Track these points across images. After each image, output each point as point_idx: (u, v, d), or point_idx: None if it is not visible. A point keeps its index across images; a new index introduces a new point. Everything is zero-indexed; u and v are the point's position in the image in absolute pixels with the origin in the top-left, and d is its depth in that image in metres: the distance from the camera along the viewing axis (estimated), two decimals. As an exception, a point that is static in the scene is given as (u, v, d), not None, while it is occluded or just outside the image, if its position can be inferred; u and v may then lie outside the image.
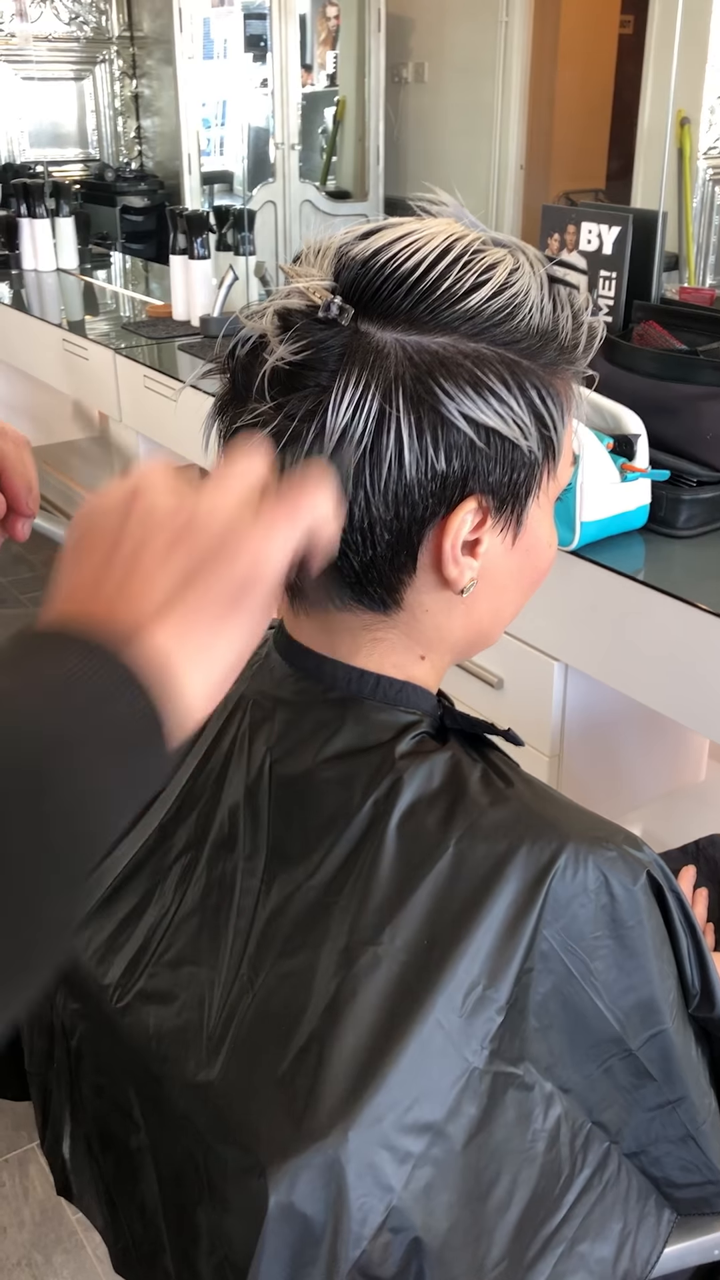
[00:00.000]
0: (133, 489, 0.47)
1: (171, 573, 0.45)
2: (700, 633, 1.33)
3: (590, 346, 0.65)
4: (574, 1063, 0.64)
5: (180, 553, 0.45)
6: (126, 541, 0.46)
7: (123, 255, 4.12)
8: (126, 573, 0.45)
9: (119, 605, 0.44)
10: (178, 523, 0.46)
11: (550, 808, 0.65)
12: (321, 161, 4.64)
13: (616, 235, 1.71)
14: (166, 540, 0.46)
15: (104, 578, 0.45)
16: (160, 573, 0.45)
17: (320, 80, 4.75)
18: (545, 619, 1.52)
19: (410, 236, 0.60)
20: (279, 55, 4.22)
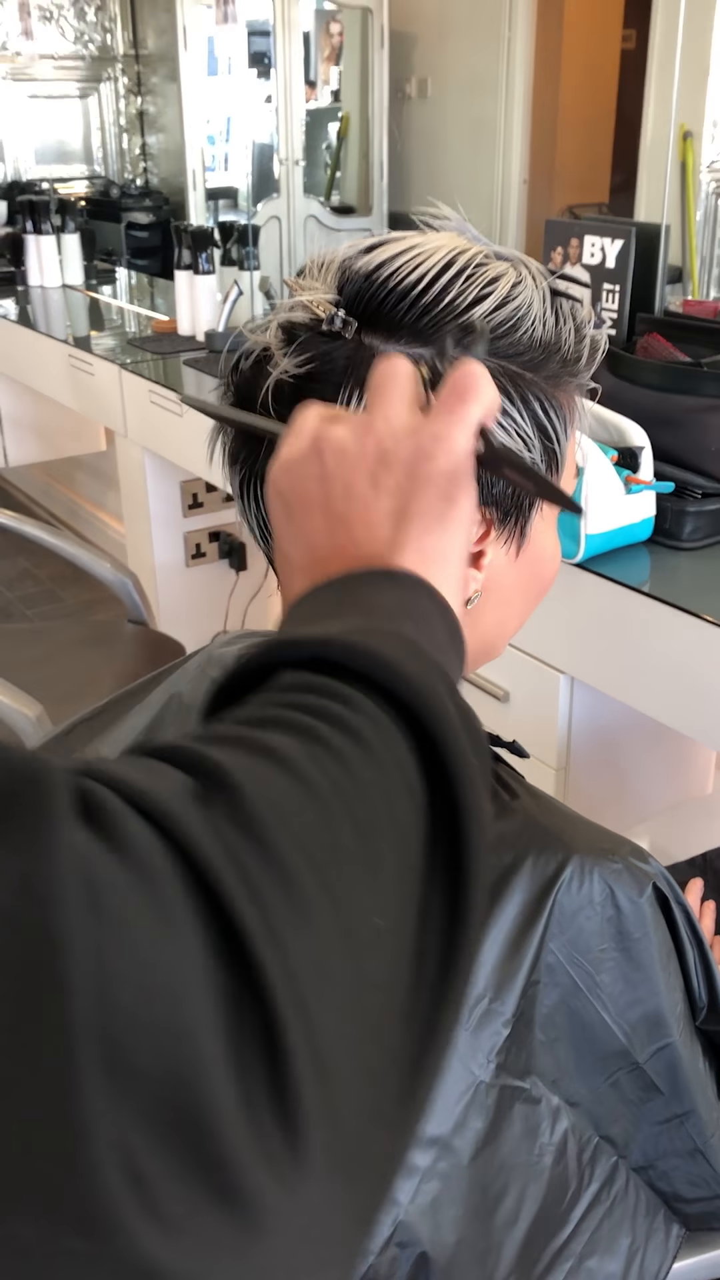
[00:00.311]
0: (309, 436, 0.49)
1: (389, 498, 0.46)
2: (706, 645, 1.33)
3: (593, 359, 0.65)
4: (581, 1076, 0.64)
5: (386, 477, 0.47)
6: (334, 488, 0.47)
7: (128, 271, 4.14)
8: (351, 517, 0.47)
9: (364, 548, 0.46)
10: (369, 449, 0.47)
11: (555, 820, 0.65)
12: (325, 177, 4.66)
13: (619, 249, 1.71)
14: (368, 470, 0.47)
15: (334, 530, 0.47)
16: (379, 504, 0.47)
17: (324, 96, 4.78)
18: (551, 631, 1.52)
19: (413, 250, 0.60)
20: (283, 72, 4.24)
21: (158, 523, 2.76)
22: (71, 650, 2.07)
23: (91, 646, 2.09)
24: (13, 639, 2.16)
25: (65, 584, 3.73)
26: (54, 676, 1.90)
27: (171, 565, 2.83)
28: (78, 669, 1.98)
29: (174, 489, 2.76)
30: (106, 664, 1.99)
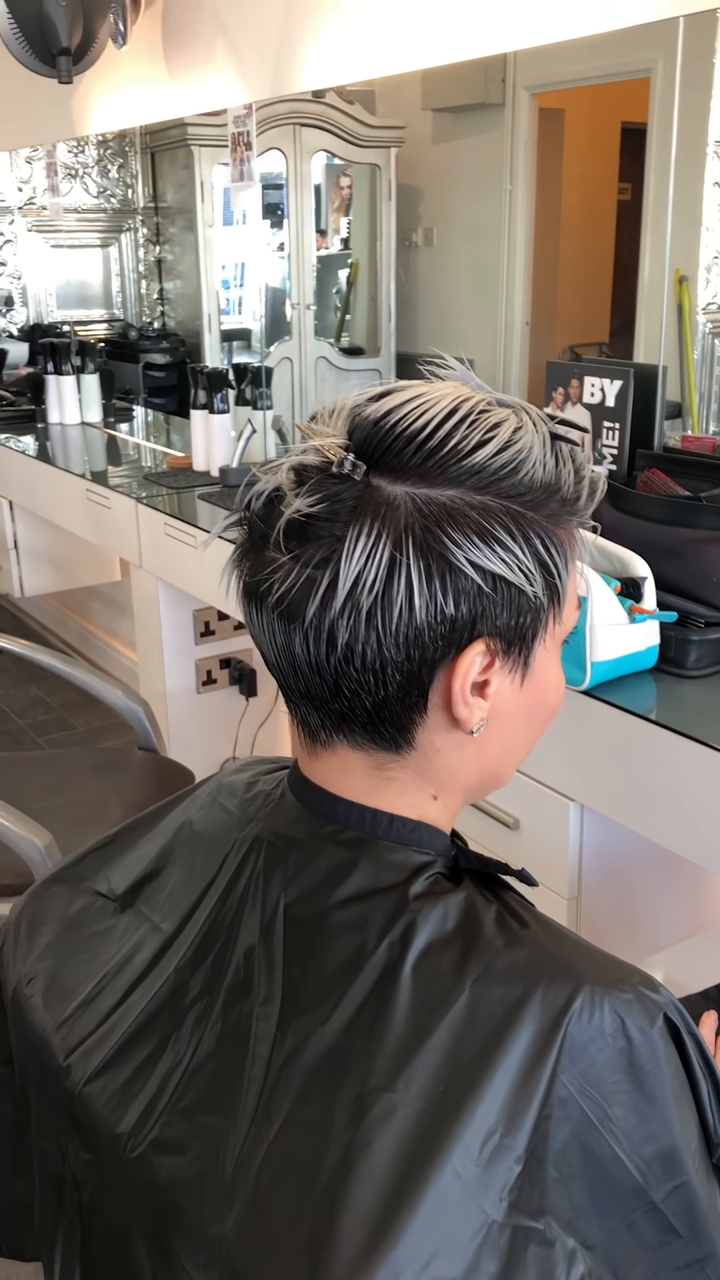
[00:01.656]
0: None
1: None
2: (715, 772, 1.33)
3: (592, 498, 0.68)
4: (596, 1216, 0.62)
5: None
6: None
7: (144, 409, 4.27)
8: None
9: None
10: None
11: (565, 949, 0.65)
12: (336, 320, 4.85)
13: (618, 389, 1.78)
14: None
15: None
16: None
17: (334, 244, 5.00)
18: (559, 758, 1.52)
19: (420, 399, 0.63)
20: (295, 222, 4.46)
21: (170, 650, 2.79)
22: (81, 777, 2.08)
23: (101, 774, 2.09)
24: (23, 767, 2.16)
25: (76, 711, 3.76)
26: (64, 804, 1.90)
27: (182, 692, 2.85)
28: (87, 796, 1.98)
29: (186, 617, 2.80)
30: (116, 791, 1.99)
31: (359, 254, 4.78)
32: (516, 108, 3.91)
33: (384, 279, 4.56)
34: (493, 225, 4.14)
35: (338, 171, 4.81)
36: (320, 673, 0.64)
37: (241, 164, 2.61)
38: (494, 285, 4.15)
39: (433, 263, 4.51)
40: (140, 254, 4.95)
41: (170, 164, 4.72)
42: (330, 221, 4.96)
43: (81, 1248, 0.72)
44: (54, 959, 0.77)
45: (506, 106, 3.86)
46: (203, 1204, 0.61)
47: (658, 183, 3.30)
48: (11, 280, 4.77)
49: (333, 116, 4.33)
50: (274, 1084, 0.63)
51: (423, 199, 4.54)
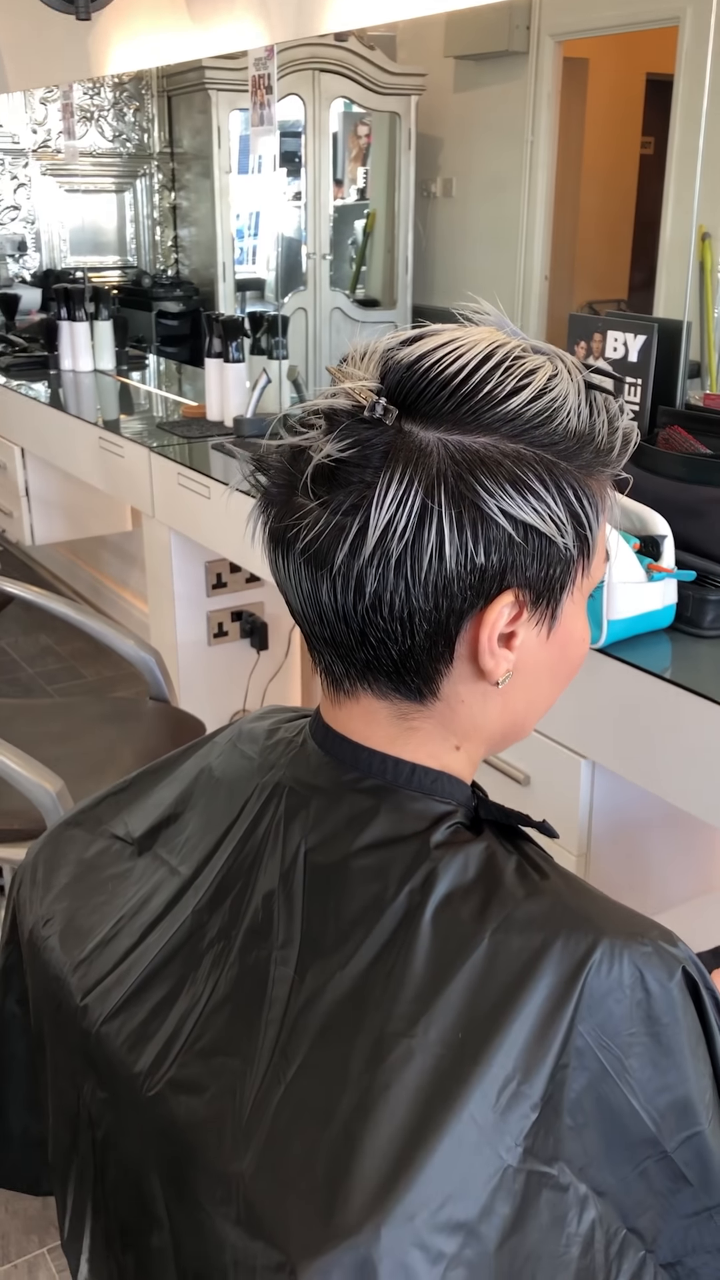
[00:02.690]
0: None
1: None
2: (728, 732, 1.33)
3: (625, 450, 0.67)
4: (609, 1164, 0.63)
5: None
6: None
7: (158, 358, 4.24)
8: None
9: None
10: None
11: (585, 901, 0.65)
12: (351, 271, 4.79)
13: (642, 344, 1.76)
14: None
15: None
16: None
17: (351, 194, 4.93)
18: (572, 716, 1.52)
19: (454, 343, 0.62)
20: (312, 171, 4.39)
21: (181, 602, 2.79)
22: (93, 726, 2.08)
23: (112, 722, 2.10)
24: (35, 714, 2.17)
25: (86, 661, 3.76)
26: (75, 752, 1.91)
27: (193, 644, 2.85)
28: (99, 744, 1.99)
29: (199, 569, 2.79)
30: (127, 740, 1.99)
31: (376, 205, 4.71)
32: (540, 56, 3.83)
33: (401, 230, 4.50)
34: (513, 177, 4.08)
35: (356, 120, 4.73)
36: (347, 621, 0.63)
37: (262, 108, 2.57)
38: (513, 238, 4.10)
39: (451, 214, 4.45)
40: (155, 200, 4.89)
41: (187, 108, 4.65)
42: (348, 171, 4.89)
43: (94, 1184, 0.73)
44: (71, 900, 0.77)
45: (530, 55, 3.79)
46: (220, 1143, 0.62)
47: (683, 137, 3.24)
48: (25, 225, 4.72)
49: (353, 62, 4.26)
50: (292, 1027, 0.63)
51: (442, 149, 4.47)
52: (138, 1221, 0.67)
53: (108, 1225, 0.72)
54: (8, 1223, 1.77)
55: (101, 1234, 0.73)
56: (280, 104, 2.67)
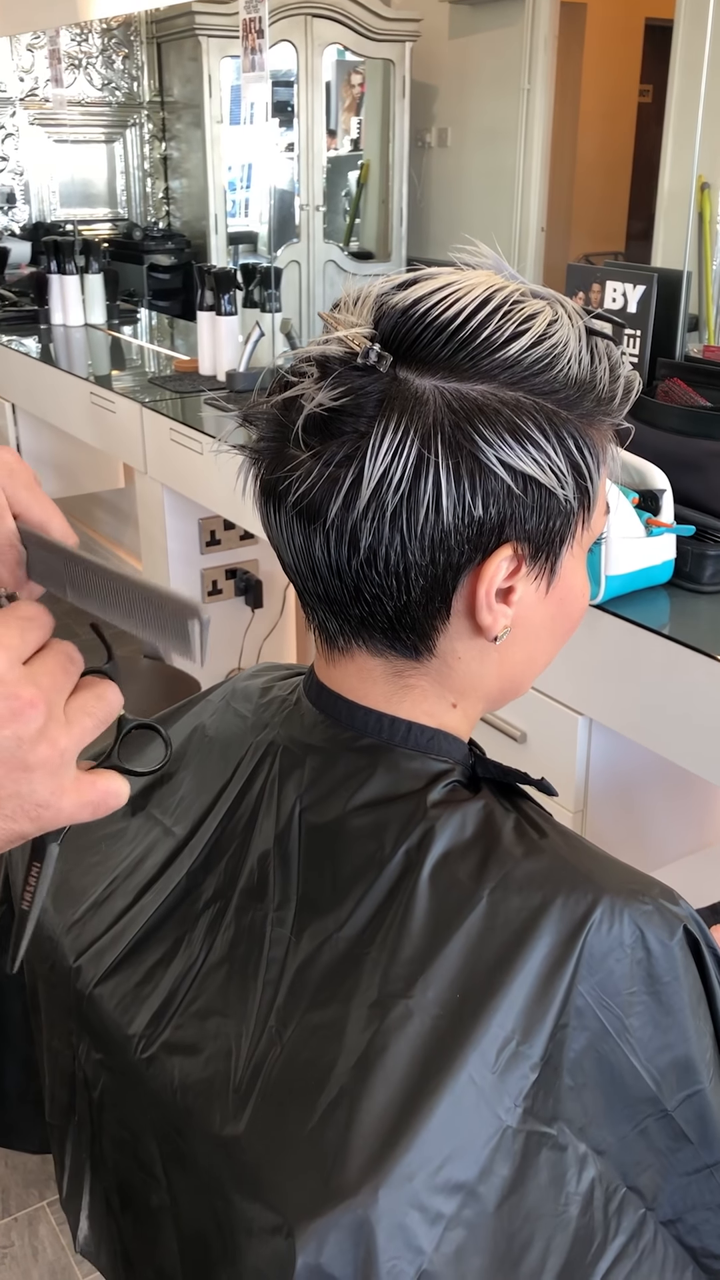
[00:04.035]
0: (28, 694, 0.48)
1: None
2: (727, 688, 1.32)
3: (627, 399, 0.65)
4: (609, 1123, 0.62)
5: (9, 803, 0.48)
6: None
7: (149, 311, 4.18)
8: None
9: None
10: (34, 759, 0.48)
11: (585, 860, 0.64)
12: (345, 223, 4.72)
13: (641, 294, 1.73)
14: (9, 778, 0.48)
15: None
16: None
17: (344, 145, 4.85)
18: (569, 672, 1.51)
19: (451, 286, 0.60)
20: (305, 121, 4.31)
21: (175, 559, 2.76)
22: (87, 685, 2.07)
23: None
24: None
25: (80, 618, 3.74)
26: (69, 711, 1.90)
27: (187, 602, 2.83)
28: (93, 704, 1.97)
29: (192, 526, 2.77)
30: (122, 699, 1.98)
31: (370, 155, 4.64)
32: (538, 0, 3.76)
33: (395, 181, 4.43)
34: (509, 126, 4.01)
35: (350, 68, 4.64)
36: (341, 576, 0.61)
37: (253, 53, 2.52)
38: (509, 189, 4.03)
39: (446, 164, 4.38)
40: (145, 151, 4.80)
41: (177, 55, 4.55)
42: (341, 121, 4.80)
43: (92, 1143, 0.73)
44: (64, 861, 0.76)
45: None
46: (215, 1105, 0.61)
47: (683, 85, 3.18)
48: (13, 176, 4.64)
49: (346, 6, 4.17)
50: (288, 988, 0.63)
51: (437, 98, 4.40)
52: (136, 1181, 0.67)
53: (106, 1184, 0.72)
54: (8, 1177, 1.78)
55: (101, 1193, 0.73)
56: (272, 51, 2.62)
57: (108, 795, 0.52)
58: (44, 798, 0.49)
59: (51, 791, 0.49)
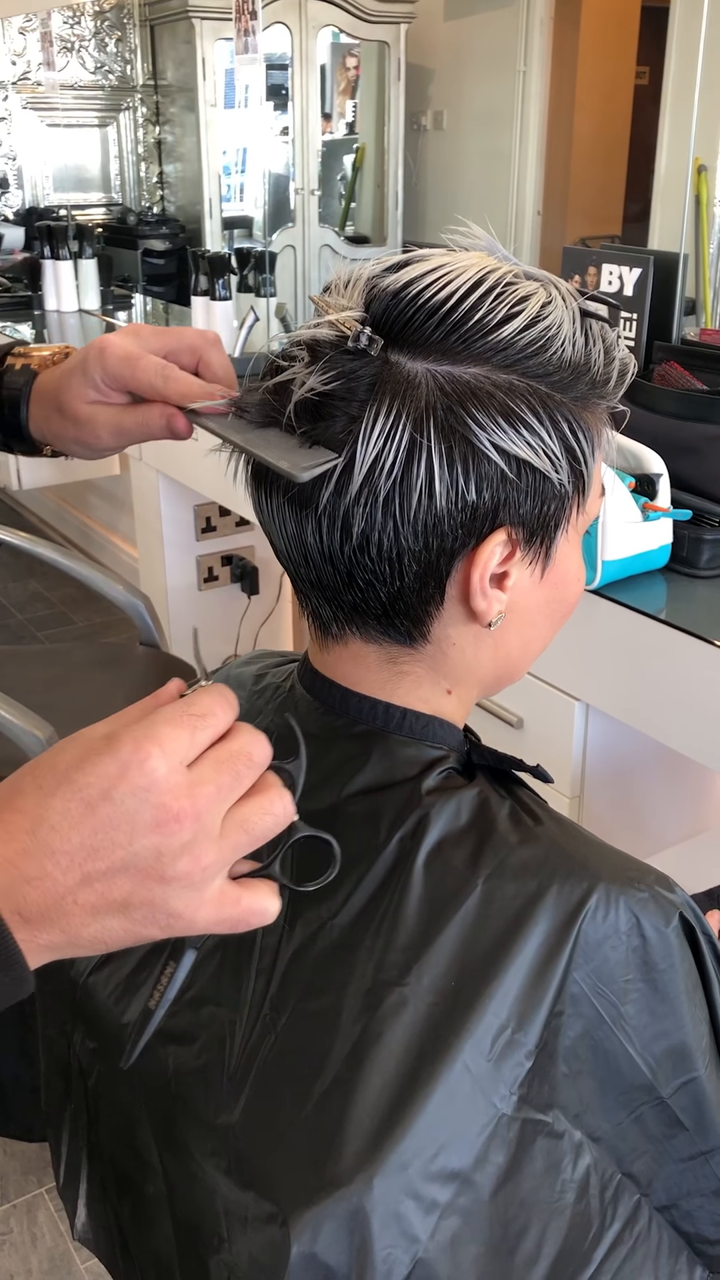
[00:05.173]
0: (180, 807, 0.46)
1: (112, 918, 0.47)
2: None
3: (621, 382, 0.64)
4: (604, 1110, 0.62)
5: (141, 910, 0.47)
6: (120, 857, 0.46)
7: (144, 297, 4.16)
8: (87, 886, 0.46)
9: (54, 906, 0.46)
10: (173, 873, 0.46)
11: (580, 846, 0.64)
12: (341, 207, 4.70)
13: (637, 277, 1.72)
14: (144, 887, 0.46)
15: (69, 869, 0.46)
16: (108, 915, 0.47)
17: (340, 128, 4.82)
18: (565, 658, 1.51)
19: (443, 269, 0.59)
20: (299, 104, 4.28)
21: (171, 546, 2.76)
22: (83, 672, 2.07)
23: (103, 668, 2.08)
24: (24, 661, 2.15)
25: (76, 606, 3.74)
26: (65, 698, 1.89)
27: (184, 589, 2.83)
28: (89, 691, 1.97)
29: (187, 513, 2.76)
30: (118, 686, 1.98)
31: (365, 138, 4.61)
32: (533, -19, 3.74)
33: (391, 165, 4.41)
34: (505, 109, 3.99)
35: (344, 51, 4.61)
36: (333, 562, 0.61)
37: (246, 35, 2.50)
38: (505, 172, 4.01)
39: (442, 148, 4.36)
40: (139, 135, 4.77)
41: (171, 38, 4.52)
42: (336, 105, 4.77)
43: (89, 1131, 0.72)
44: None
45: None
46: (209, 1094, 0.61)
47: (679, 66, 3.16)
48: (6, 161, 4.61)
49: (341, -13, 4.14)
50: (282, 976, 0.62)
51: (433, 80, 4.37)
52: (132, 1169, 0.67)
53: (103, 1172, 0.72)
54: (6, 1164, 1.79)
55: (98, 1180, 0.73)
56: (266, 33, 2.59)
57: (250, 914, 0.49)
58: (178, 909, 0.47)
59: (187, 905, 0.47)
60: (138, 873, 0.46)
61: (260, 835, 0.49)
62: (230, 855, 0.48)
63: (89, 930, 0.47)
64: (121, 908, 0.47)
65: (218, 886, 0.48)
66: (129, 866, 0.46)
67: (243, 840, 0.48)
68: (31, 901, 0.45)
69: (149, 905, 0.47)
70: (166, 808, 0.45)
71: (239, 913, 0.49)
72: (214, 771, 0.47)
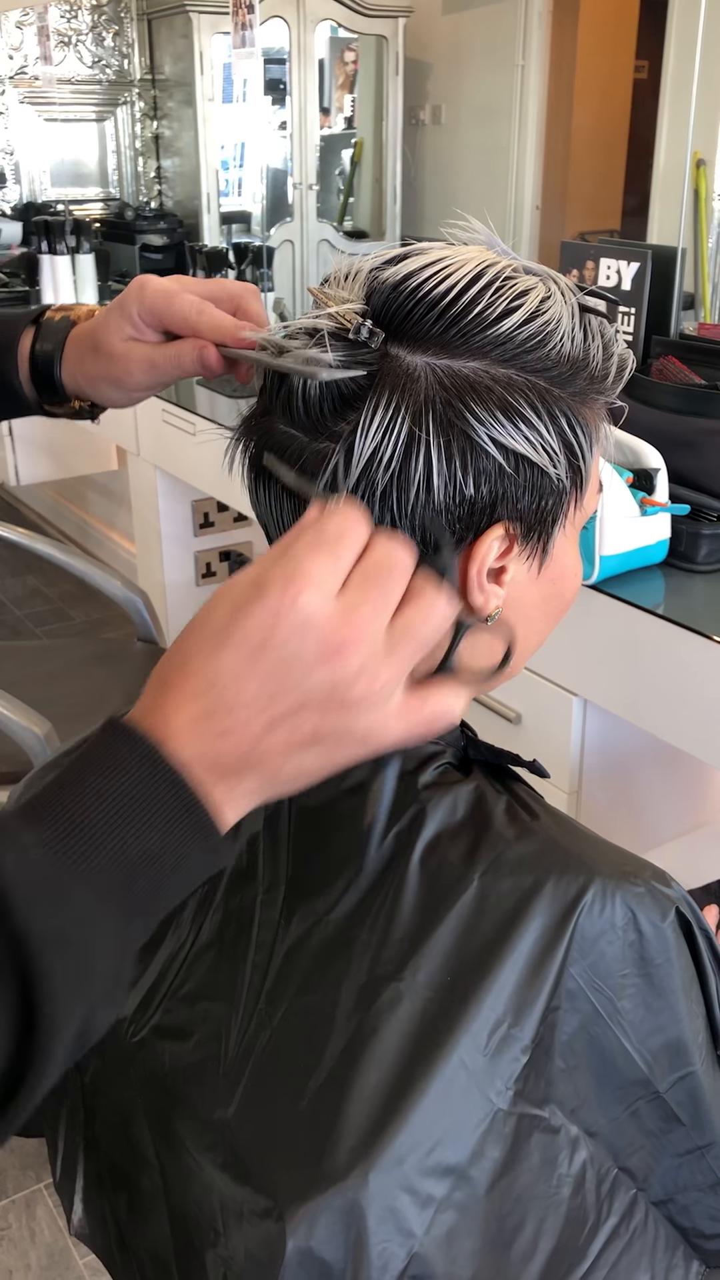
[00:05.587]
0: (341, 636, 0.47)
1: (307, 752, 0.48)
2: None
3: (620, 377, 0.64)
4: (600, 1105, 0.62)
5: (332, 738, 0.48)
6: (299, 696, 0.47)
7: (141, 292, 4.15)
8: (274, 729, 0.47)
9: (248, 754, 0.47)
10: (352, 698, 0.47)
11: (577, 841, 0.64)
12: (339, 202, 4.69)
13: (635, 271, 1.71)
14: (329, 717, 0.47)
15: (253, 718, 0.47)
16: (302, 750, 0.47)
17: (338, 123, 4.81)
18: (564, 653, 1.51)
19: (443, 262, 0.59)
20: (298, 99, 4.27)
21: (169, 542, 2.76)
22: (81, 668, 2.06)
23: (100, 664, 2.08)
24: (22, 656, 2.15)
25: (74, 602, 3.73)
26: (63, 694, 1.89)
27: (181, 584, 2.83)
28: (86, 687, 1.97)
29: (185, 508, 2.76)
30: (115, 682, 1.98)
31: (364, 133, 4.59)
32: (532, -26, 3.73)
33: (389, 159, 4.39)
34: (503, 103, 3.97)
35: (343, 45, 4.60)
36: None
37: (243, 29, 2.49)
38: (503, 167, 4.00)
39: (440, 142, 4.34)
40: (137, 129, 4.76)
41: (168, 32, 4.50)
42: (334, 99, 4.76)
43: (85, 1126, 0.72)
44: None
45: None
46: (205, 1089, 0.61)
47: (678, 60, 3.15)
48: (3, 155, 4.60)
49: (339, -19, 4.12)
50: (277, 971, 0.62)
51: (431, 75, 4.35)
52: (129, 1163, 0.67)
53: (100, 1167, 0.72)
54: (5, 1159, 1.79)
55: (94, 1175, 0.73)
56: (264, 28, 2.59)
57: (437, 718, 0.50)
58: (366, 731, 0.48)
59: (374, 724, 0.48)
60: (318, 706, 0.47)
61: (428, 639, 0.49)
62: (403, 666, 0.49)
63: (287, 769, 0.48)
64: (312, 741, 0.48)
65: (399, 699, 0.49)
66: (308, 703, 0.47)
67: (412, 648, 0.49)
68: (226, 754, 0.47)
69: (338, 734, 0.48)
70: (327, 641, 0.46)
71: (425, 719, 0.50)
72: (363, 591, 0.48)
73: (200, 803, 0.46)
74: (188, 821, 0.46)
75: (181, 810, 0.45)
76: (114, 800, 0.44)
